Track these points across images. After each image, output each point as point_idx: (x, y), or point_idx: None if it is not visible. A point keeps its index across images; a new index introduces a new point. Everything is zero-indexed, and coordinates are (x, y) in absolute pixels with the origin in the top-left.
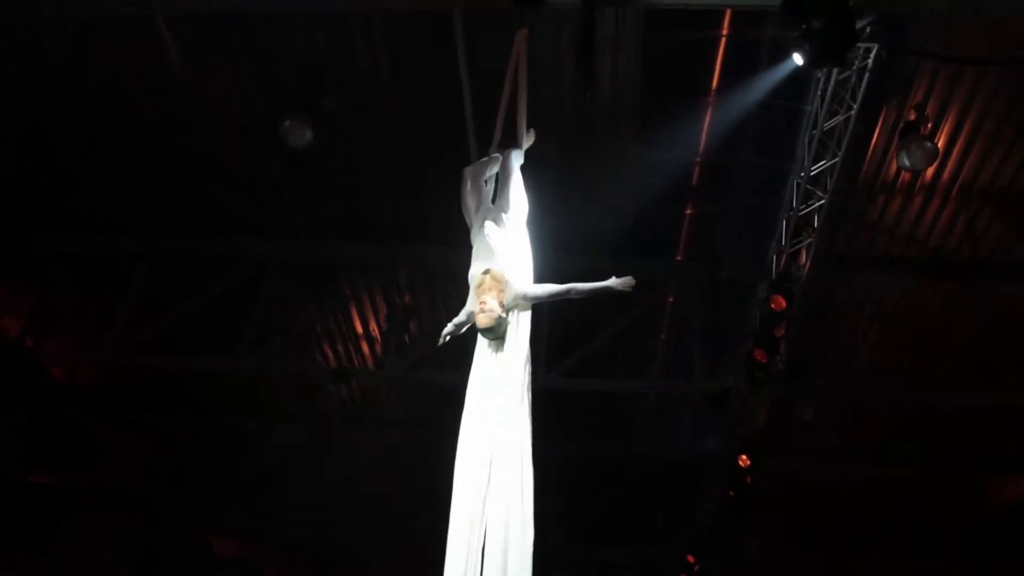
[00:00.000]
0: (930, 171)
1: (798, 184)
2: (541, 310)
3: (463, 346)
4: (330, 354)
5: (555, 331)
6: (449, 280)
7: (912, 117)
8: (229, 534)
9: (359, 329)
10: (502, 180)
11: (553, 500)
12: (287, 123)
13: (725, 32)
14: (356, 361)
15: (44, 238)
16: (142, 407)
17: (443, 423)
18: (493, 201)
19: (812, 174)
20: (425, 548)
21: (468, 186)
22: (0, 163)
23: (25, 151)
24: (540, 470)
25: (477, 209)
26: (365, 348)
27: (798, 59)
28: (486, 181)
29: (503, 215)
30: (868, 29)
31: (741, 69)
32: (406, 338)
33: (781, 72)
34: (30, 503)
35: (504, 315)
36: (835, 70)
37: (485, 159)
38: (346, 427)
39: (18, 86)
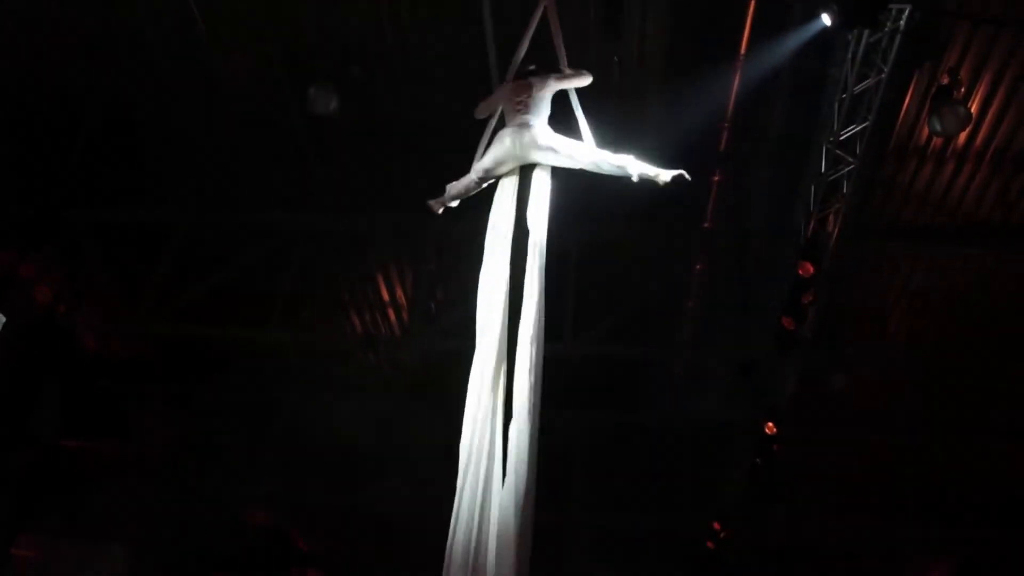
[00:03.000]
0: (963, 136)
1: (827, 149)
2: (568, 276)
3: None
4: (357, 322)
5: (582, 298)
6: (477, 247)
7: (945, 81)
8: (260, 503)
9: (386, 297)
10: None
11: (578, 467)
12: (312, 91)
13: None
14: (383, 329)
15: (77, 209)
16: (173, 377)
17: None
18: None
19: (842, 139)
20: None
21: None
22: (34, 136)
23: (58, 124)
24: (566, 437)
25: None
26: (392, 316)
27: (827, 20)
28: None
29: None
30: None
31: (771, 32)
32: (432, 306)
33: (811, 34)
34: (64, 471)
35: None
36: (866, 32)
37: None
38: (375, 395)
39: (50, 60)
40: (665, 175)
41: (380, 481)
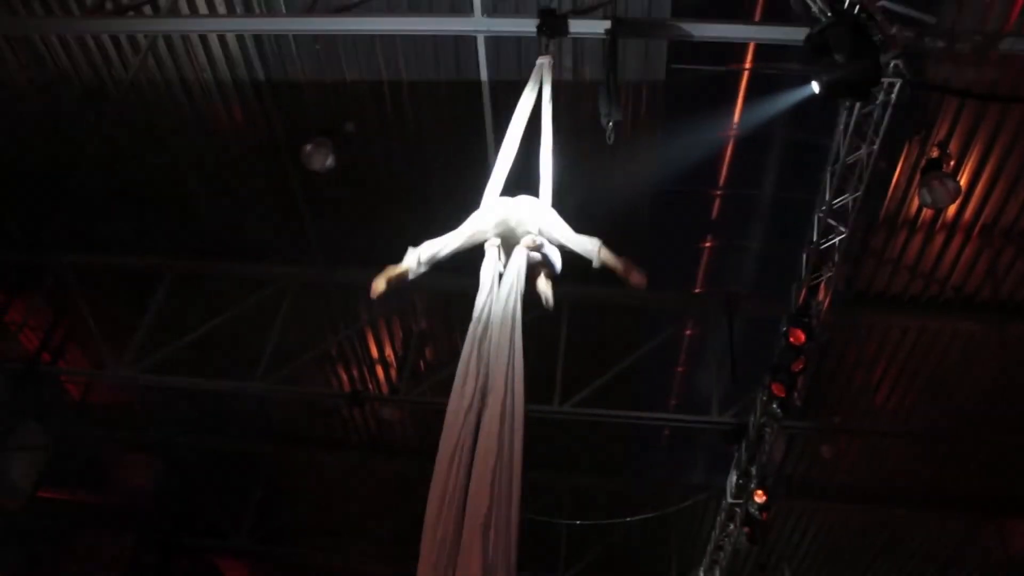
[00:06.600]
0: (952, 209)
1: (819, 218)
2: (559, 339)
3: None
4: (345, 378)
5: (571, 361)
6: (466, 307)
7: (935, 154)
8: (238, 557)
9: (375, 354)
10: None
11: (563, 531)
12: (308, 147)
13: (748, 65)
14: (371, 386)
15: (65, 256)
16: (155, 428)
17: None
18: None
19: (834, 208)
20: None
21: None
22: (24, 181)
23: (50, 171)
24: (551, 501)
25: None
26: (380, 373)
27: (818, 91)
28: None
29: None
30: (892, 64)
31: (765, 101)
32: (421, 364)
33: (804, 106)
34: (42, 521)
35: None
36: (858, 104)
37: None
38: (359, 452)
39: (43, 106)
40: (627, 271)
41: (358, 540)
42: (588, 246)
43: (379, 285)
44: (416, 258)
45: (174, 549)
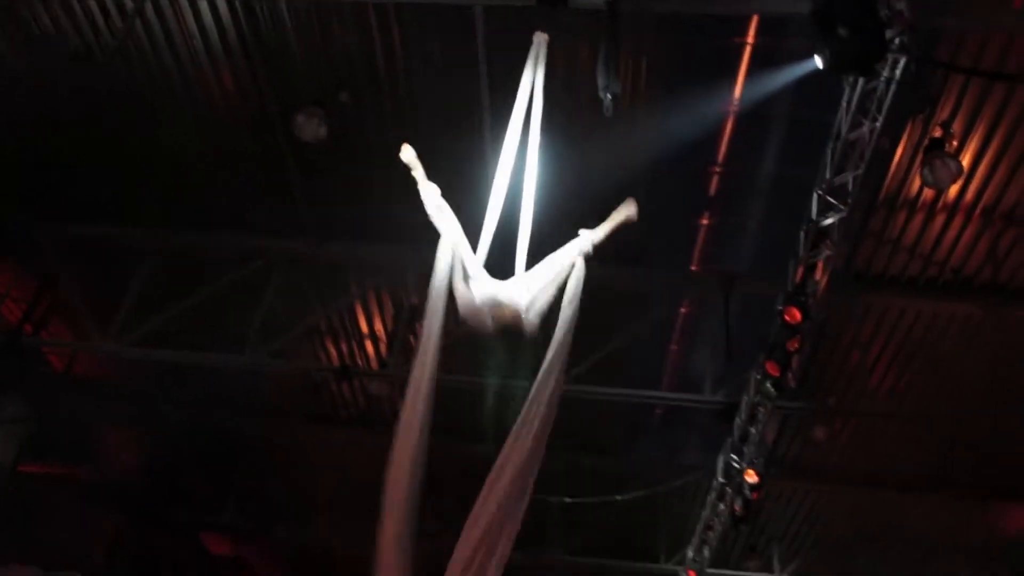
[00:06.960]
0: (953, 189)
1: (818, 195)
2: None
3: (470, 351)
4: (333, 352)
5: None
6: None
7: (938, 134)
8: (223, 533)
9: (364, 329)
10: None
11: (554, 510)
12: (300, 117)
13: (751, 40)
14: (360, 360)
15: (51, 225)
16: (140, 402)
17: (444, 427)
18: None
19: (834, 185)
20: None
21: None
22: (10, 150)
23: (35, 139)
24: (542, 478)
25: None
26: (369, 348)
27: (821, 65)
28: None
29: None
30: (897, 40)
31: (766, 77)
32: (411, 339)
33: (805, 81)
34: (23, 496)
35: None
36: (861, 80)
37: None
38: (347, 428)
39: (30, 74)
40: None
41: (348, 517)
42: (582, 245)
43: (410, 156)
44: (438, 194)
45: (159, 525)
